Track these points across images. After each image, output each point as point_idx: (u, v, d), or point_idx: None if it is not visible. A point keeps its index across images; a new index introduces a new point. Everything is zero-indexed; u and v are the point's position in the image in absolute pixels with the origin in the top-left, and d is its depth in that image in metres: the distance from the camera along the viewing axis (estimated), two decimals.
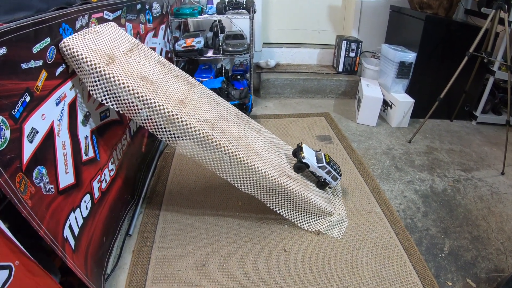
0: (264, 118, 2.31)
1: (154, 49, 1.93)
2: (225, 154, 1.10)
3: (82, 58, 0.95)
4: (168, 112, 1.00)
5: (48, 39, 0.91)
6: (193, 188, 1.60)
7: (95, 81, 0.98)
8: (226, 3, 2.25)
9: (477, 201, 1.62)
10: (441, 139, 2.20)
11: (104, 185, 1.17)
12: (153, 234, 1.32)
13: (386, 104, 2.34)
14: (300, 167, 1.38)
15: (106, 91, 0.99)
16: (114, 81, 0.97)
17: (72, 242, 0.92)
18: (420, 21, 2.16)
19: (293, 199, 1.29)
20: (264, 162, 1.22)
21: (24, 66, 0.80)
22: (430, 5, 2.21)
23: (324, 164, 1.39)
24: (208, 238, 1.31)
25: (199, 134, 1.04)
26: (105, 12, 1.27)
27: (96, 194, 1.11)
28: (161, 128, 1.04)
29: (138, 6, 1.66)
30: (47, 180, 0.84)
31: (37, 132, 0.82)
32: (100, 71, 0.96)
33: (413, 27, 2.25)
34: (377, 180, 1.71)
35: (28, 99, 0.80)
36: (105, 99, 1.00)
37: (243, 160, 1.12)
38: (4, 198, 0.75)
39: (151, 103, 0.99)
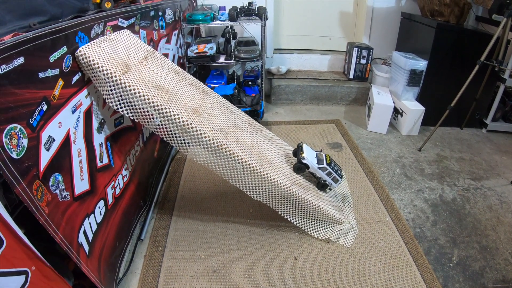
0: (275, 124, 2.34)
1: (167, 55, 1.98)
2: (239, 163, 1.13)
3: (98, 67, 0.99)
4: (183, 121, 1.04)
5: (65, 48, 0.93)
6: (204, 194, 1.64)
7: (111, 90, 1.01)
8: (238, 10, 2.29)
9: (486, 211, 1.62)
10: (451, 147, 2.20)
11: (117, 191, 1.22)
12: (164, 240, 1.36)
13: (396, 112, 2.34)
14: (300, 167, 1.37)
15: (122, 99, 1.02)
16: (130, 90, 1.00)
17: (86, 247, 0.96)
18: (432, 29, 2.16)
19: (304, 207, 1.32)
20: (276, 171, 1.25)
21: (41, 75, 0.82)
22: (442, 13, 2.21)
23: (325, 165, 1.37)
24: (219, 245, 1.34)
25: (213, 143, 1.08)
26: (119, 19, 1.31)
27: (110, 200, 1.16)
28: (175, 136, 1.08)
29: (152, 13, 1.70)
30: (63, 187, 0.87)
31: (54, 140, 0.85)
32: (116, 80, 0.99)
33: (424, 35, 2.26)
34: (387, 189, 1.72)
35: (45, 107, 0.83)
36: (120, 107, 1.03)
37: (256, 169, 1.16)
38: (19, 204, 0.79)
39: (166, 112, 1.03)
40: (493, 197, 1.73)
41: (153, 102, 1.00)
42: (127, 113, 1.03)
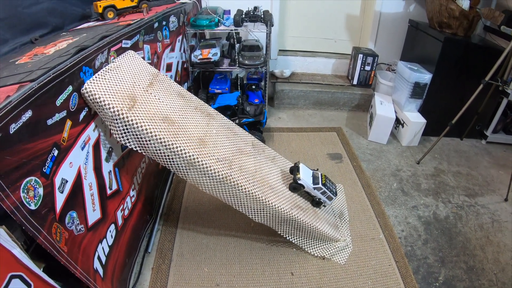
0: (277, 131, 2.39)
1: (171, 64, 1.99)
2: (242, 192, 1.20)
3: (105, 104, 1.00)
4: (189, 156, 1.09)
5: (70, 87, 0.93)
6: (207, 205, 1.71)
7: (118, 126, 1.03)
8: (244, 15, 2.28)
9: (477, 230, 1.70)
10: (449, 160, 2.24)
11: (126, 212, 1.28)
12: (170, 252, 1.46)
13: (398, 122, 2.38)
14: (296, 187, 1.43)
15: (129, 135, 1.05)
16: (137, 127, 1.03)
17: (101, 271, 1.04)
18: (439, 42, 2.16)
19: (302, 228, 1.40)
20: (277, 196, 1.32)
21: (49, 122, 0.83)
22: (450, 25, 2.19)
23: (320, 185, 1.42)
24: (222, 259, 1.44)
25: (218, 175, 1.14)
26: (123, 41, 1.29)
27: (120, 222, 1.22)
28: (181, 168, 1.13)
29: (155, 25, 1.68)
30: (77, 222, 0.93)
31: (67, 181, 0.89)
32: (123, 118, 1.01)
33: (431, 46, 2.25)
34: (383, 205, 1.79)
35: (56, 152, 0.85)
36: (128, 142, 1.06)
37: (258, 197, 1.22)
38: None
39: (173, 147, 1.08)
40: (485, 215, 1.79)
41: (160, 138, 1.05)
42: (135, 147, 1.08)
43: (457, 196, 1.91)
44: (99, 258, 1.05)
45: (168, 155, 1.08)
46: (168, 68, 1.94)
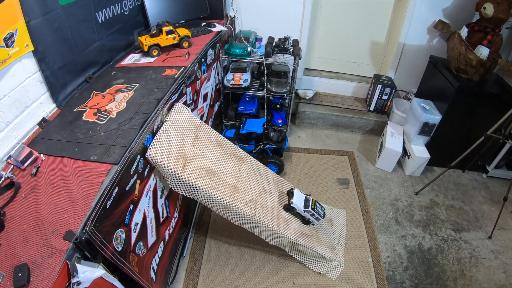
0: (296, 152, 2.73)
1: (207, 94, 2.25)
2: (262, 225, 1.60)
3: (164, 166, 1.32)
4: (226, 202, 1.49)
5: (139, 156, 1.23)
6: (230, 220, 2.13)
7: (174, 180, 1.39)
8: (274, 46, 2.52)
9: (455, 263, 2.02)
10: (446, 192, 2.52)
11: (171, 230, 1.68)
12: (201, 257, 1.90)
13: (405, 152, 2.64)
14: (289, 208, 1.77)
15: (182, 186, 1.42)
16: (188, 183, 1.40)
17: (154, 277, 1.44)
18: (452, 87, 2.35)
19: (305, 250, 1.80)
20: (288, 227, 1.71)
21: (127, 188, 1.12)
22: (466, 71, 2.36)
23: (309, 209, 1.75)
24: (241, 266, 1.87)
25: (246, 215, 1.54)
26: (172, 96, 1.54)
27: (167, 238, 1.61)
28: (218, 209, 1.54)
29: (195, 67, 1.88)
30: (142, 248, 1.31)
31: (137, 223, 1.22)
32: (178, 176, 1.36)
33: (445, 89, 2.45)
34: (376, 232, 2.14)
35: (131, 207, 1.16)
36: (180, 190, 1.44)
37: (274, 230, 1.62)
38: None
39: (214, 196, 1.46)
40: (466, 250, 2.10)
41: (204, 190, 1.43)
42: (185, 194, 1.47)
43: (444, 230, 2.22)
44: (153, 268, 1.46)
45: (210, 201, 1.48)
46: (205, 98, 2.22)
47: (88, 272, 0.92)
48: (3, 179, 1.10)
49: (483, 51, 2.30)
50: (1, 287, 0.84)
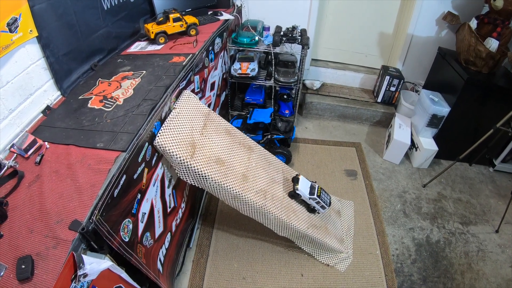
0: (303, 142, 2.70)
1: (214, 83, 2.21)
2: (272, 216, 1.57)
3: (172, 154, 1.29)
4: (235, 191, 1.46)
5: (147, 144, 1.19)
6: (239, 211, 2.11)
7: (182, 169, 1.35)
8: (282, 35, 2.47)
9: (462, 256, 2.01)
10: (453, 185, 2.50)
11: (178, 221, 1.65)
12: (207, 249, 1.88)
13: (413, 145, 2.61)
14: (294, 195, 1.72)
15: (190, 175, 1.38)
16: (197, 171, 1.36)
17: (161, 269, 1.41)
18: (461, 79, 2.31)
19: (314, 242, 1.78)
20: (297, 218, 1.68)
21: (135, 176, 1.08)
22: (475, 63, 2.32)
23: (315, 196, 1.70)
24: (248, 257, 1.85)
25: (256, 205, 1.51)
26: (180, 84, 1.49)
27: (173, 229, 1.58)
28: (227, 198, 1.50)
29: (203, 54, 1.84)
30: (150, 238, 1.28)
31: (145, 213, 1.19)
32: (187, 165, 1.33)
33: (453, 81, 2.41)
34: (385, 224, 2.13)
35: (139, 196, 1.13)
36: (188, 179, 1.40)
37: (284, 220, 1.60)
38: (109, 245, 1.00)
39: (223, 185, 1.43)
40: (473, 243, 2.09)
41: (213, 179, 1.40)
42: (193, 183, 1.43)
43: (452, 223, 2.21)
44: (160, 260, 1.43)
45: (219, 190, 1.45)
46: (212, 87, 2.19)
47: (95, 263, 0.88)
48: (6, 167, 1.06)
49: (492, 43, 2.26)
50: (4, 280, 0.80)
